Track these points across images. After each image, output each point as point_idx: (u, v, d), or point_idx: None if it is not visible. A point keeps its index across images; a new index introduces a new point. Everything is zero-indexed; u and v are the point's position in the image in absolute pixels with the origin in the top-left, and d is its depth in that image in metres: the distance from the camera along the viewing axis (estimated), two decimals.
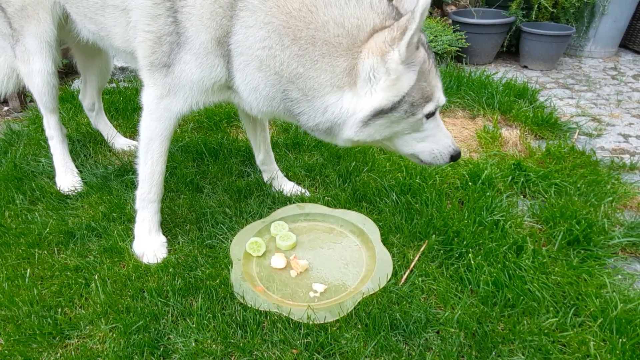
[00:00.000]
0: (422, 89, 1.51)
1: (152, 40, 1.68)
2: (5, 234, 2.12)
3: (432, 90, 1.54)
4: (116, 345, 1.59)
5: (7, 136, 3.02)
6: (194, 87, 1.72)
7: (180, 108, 1.79)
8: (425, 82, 1.51)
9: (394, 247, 2.03)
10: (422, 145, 1.71)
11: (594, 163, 2.71)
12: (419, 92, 1.50)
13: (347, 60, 1.48)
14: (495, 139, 2.98)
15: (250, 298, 1.75)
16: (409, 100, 1.50)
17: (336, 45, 1.47)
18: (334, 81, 1.49)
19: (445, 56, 4.53)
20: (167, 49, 1.67)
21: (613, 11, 4.73)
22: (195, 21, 1.58)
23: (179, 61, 1.67)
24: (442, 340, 1.62)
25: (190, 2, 1.57)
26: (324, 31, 1.46)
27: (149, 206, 2.02)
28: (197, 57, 1.63)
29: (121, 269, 1.94)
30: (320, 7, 1.46)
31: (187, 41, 1.62)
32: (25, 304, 1.75)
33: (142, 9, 1.67)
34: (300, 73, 1.50)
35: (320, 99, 1.54)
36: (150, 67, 1.75)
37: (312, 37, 1.47)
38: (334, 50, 1.47)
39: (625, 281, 1.88)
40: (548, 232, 2.13)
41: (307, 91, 1.54)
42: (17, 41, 2.21)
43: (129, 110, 3.34)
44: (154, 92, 1.78)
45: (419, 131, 1.66)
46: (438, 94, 1.57)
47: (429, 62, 1.52)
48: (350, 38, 1.47)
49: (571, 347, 1.59)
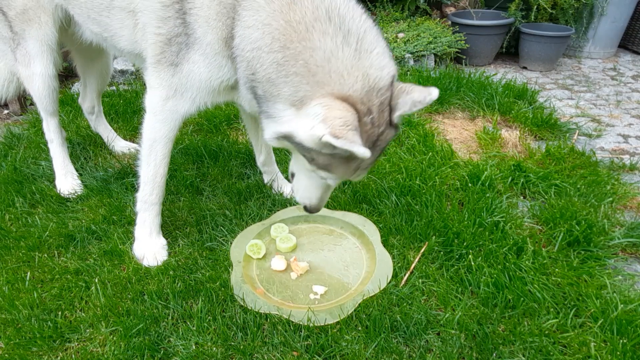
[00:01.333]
0: (329, 162, 1.49)
1: (162, 42, 1.70)
2: (6, 237, 2.12)
3: (336, 172, 1.54)
4: (116, 348, 1.59)
5: (7, 139, 3.02)
6: (201, 87, 1.73)
7: (187, 109, 1.79)
8: (337, 163, 1.49)
9: (394, 249, 2.03)
10: (300, 177, 1.76)
11: (594, 164, 2.72)
12: (325, 161, 1.50)
13: (310, 91, 1.44)
14: (495, 140, 2.98)
15: (251, 300, 1.75)
16: (313, 155, 1.50)
17: (312, 72, 1.43)
18: (291, 100, 1.48)
19: (444, 57, 4.54)
20: (175, 49, 1.69)
21: (612, 12, 4.74)
22: (203, 22, 1.60)
23: (188, 61, 1.68)
24: (442, 341, 1.62)
25: (197, 3, 1.59)
26: (310, 54, 1.43)
27: (150, 208, 2.02)
28: (205, 57, 1.65)
29: (121, 271, 1.94)
30: (317, 31, 1.43)
31: (196, 42, 1.64)
32: (26, 307, 1.75)
33: (152, 11, 1.68)
34: (272, 79, 1.50)
35: (272, 104, 1.54)
36: (157, 66, 1.75)
37: (298, 52, 1.44)
38: (307, 75, 1.43)
39: (625, 282, 1.88)
40: (548, 233, 2.13)
41: (268, 95, 1.54)
42: (18, 45, 2.21)
43: (128, 113, 3.35)
44: (160, 93, 1.78)
45: (307, 172, 1.68)
46: (336, 176, 1.57)
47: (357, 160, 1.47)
48: (325, 76, 1.41)
49: (572, 348, 1.59)
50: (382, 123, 1.47)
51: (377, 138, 1.48)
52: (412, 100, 1.44)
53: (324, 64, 1.41)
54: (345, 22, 1.45)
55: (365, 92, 1.41)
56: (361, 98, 1.41)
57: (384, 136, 1.50)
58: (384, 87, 1.45)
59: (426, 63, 4.41)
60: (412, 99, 1.44)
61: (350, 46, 1.43)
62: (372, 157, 1.49)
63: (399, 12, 5.00)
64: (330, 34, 1.42)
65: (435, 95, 1.44)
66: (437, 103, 3.52)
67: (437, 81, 3.72)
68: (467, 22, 4.60)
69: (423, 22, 4.82)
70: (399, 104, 1.46)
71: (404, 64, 4.35)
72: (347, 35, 1.43)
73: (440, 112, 3.47)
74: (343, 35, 1.43)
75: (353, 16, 1.47)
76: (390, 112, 1.48)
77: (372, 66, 1.44)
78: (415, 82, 3.65)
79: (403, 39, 4.51)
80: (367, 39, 1.46)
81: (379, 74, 1.44)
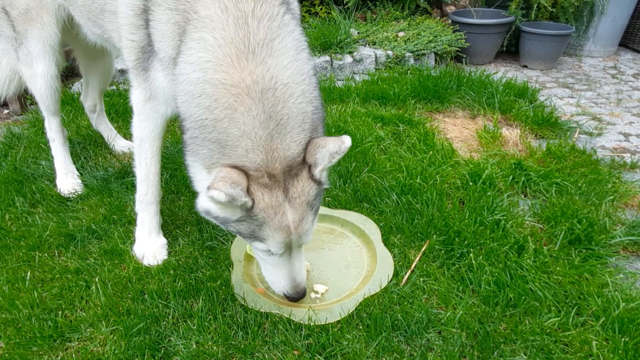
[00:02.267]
0: (252, 229, 1.47)
1: (135, 48, 1.71)
2: (6, 237, 2.11)
3: (265, 237, 1.48)
4: (117, 347, 1.59)
5: (8, 139, 3.02)
6: (166, 95, 1.72)
7: (164, 110, 1.81)
8: (258, 227, 1.46)
9: (395, 248, 2.02)
10: (262, 265, 1.69)
11: (595, 162, 2.71)
12: (247, 229, 1.48)
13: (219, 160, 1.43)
14: (496, 139, 2.97)
15: (251, 299, 1.75)
16: (235, 227, 1.49)
17: (223, 144, 1.40)
18: (206, 163, 1.47)
19: (445, 56, 4.53)
20: (147, 56, 1.70)
21: (612, 10, 4.73)
22: (159, 36, 1.58)
23: (153, 68, 1.70)
24: (443, 340, 1.61)
25: (157, 17, 1.57)
26: (227, 125, 1.39)
27: (148, 208, 2.02)
28: (163, 69, 1.64)
29: (122, 271, 1.93)
30: (243, 106, 1.37)
31: (157, 53, 1.64)
32: (26, 306, 1.75)
33: (125, 17, 1.68)
34: (195, 136, 1.47)
35: (193, 161, 1.53)
36: (133, 70, 1.78)
37: (219, 120, 1.40)
38: (219, 145, 1.41)
39: (627, 280, 1.88)
40: (549, 231, 2.13)
41: (190, 149, 1.52)
42: (20, 44, 2.21)
43: (128, 113, 3.32)
44: (139, 94, 1.81)
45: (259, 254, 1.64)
46: (270, 244, 1.50)
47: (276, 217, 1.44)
48: (232, 150, 1.40)
49: (573, 346, 1.59)
50: (290, 179, 1.43)
51: (287, 190, 1.43)
52: (329, 153, 1.43)
53: (235, 140, 1.39)
54: (277, 105, 1.39)
55: (265, 163, 1.40)
56: (257, 167, 1.40)
57: (298, 189, 1.45)
58: (290, 155, 1.42)
59: (426, 62, 4.40)
60: (328, 151, 1.43)
61: (266, 129, 1.38)
62: (296, 211, 1.46)
63: (399, 11, 4.99)
64: (253, 114, 1.37)
65: (349, 144, 1.43)
66: (437, 102, 3.52)
67: (437, 80, 3.71)
68: (468, 20, 4.59)
69: (423, 20, 4.82)
70: (317, 160, 1.44)
71: (404, 63, 4.35)
72: (269, 119, 1.38)
73: (440, 110, 3.46)
74: (264, 119, 1.38)
75: (288, 99, 1.41)
76: (309, 168, 1.46)
77: (282, 143, 1.41)
78: (415, 81, 3.70)
79: (403, 38, 4.51)
80: (290, 123, 1.42)
81: (285, 147, 1.41)
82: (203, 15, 1.43)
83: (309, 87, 1.48)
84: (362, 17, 5.09)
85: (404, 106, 3.47)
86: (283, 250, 1.54)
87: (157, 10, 1.56)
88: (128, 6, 1.65)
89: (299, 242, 1.54)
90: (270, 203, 1.42)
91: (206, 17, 1.43)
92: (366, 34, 4.66)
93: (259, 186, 1.41)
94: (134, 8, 1.63)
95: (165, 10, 1.53)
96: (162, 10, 1.54)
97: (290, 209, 1.45)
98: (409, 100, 3.51)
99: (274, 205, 1.43)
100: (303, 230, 1.50)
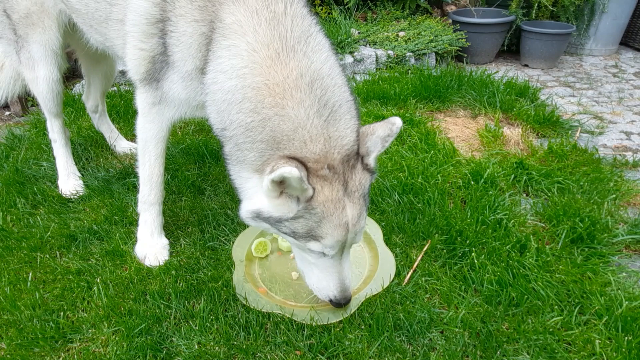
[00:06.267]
0: (309, 226, 1.41)
1: (144, 59, 1.69)
2: (7, 238, 2.11)
3: (324, 235, 1.42)
4: (119, 348, 1.58)
5: (9, 140, 3.02)
6: (181, 104, 1.73)
7: (172, 115, 1.81)
8: (316, 224, 1.41)
9: (396, 247, 2.02)
10: (307, 270, 1.63)
11: (597, 161, 2.70)
12: (304, 227, 1.42)
13: (272, 156, 1.41)
14: (497, 138, 2.97)
15: (253, 300, 1.74)
16: (289, 226, 1.44)
17: (277, 141, 1.38)
18: (255, 166, 1.45)
19: (445, 56, 4.53)
20: (158, 67, 1.68)
21: (613, 9, 4.73)
22: (183, 48, 1.56)
23: (167, 79, 1.68)
24: (446, 340, 1.61)
25: (180, 29, 1.54)
26: (279, 122, 1.37)
27: (150, 209, 2.02)
28: (183, 81, 1.63)
29: (123, 271, 1.93)
30: (293, 100, 1.36)
31: (175, 64, 1.62)
32: (28, 307, 1.75)
33: (135, 24, 1.65)
34: (239, 142, 1.45)
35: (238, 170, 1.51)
36: (143, 82, 1.76)
37: (267, 119, 1.38)
38: (272, 143, 1.39)
39: (629, 279, 1.87)
40: (551, 230, 2.12)
41: (234, 158, 1.50)
42: (21, 47, 2.21)
43: (129, 114, 3.34)
44: (146, 98, 1.80)
45: (307, 257, 1.58)
46: (328, 242, 1.44)
47: (336, 212, 1.40)
48: (288, 143, 1.38)
49: (576, 345, 1.58)
50: (349, 171, 1.42)
51: (346, 183, 1.42)
52: (380, 138, 1.44)
53: (290, 133, 1.37)
54: (326, 94, 1.41)
55: (324, 152, 1.38)
56: (317, 157, 1.38)
57: (356, 182, 1.44)
58: (347, 143, 1.42)
59: (427, 61, 4.40)
60: (379, 137, 1.44)
61: (321, 117, 1.39)
62: (355, 205, 1.43)
63: (400, 11, 4.99)
64: (306, 105, 1.37)
65: (399, 124, 1.43)
66: (438, 101, 3.52)
67: (438, 79, 3.71)
68: (468, 20, 4.59)
69: (424, 20, 4.82)
70: (369, 147, 1.44)
71: (405, 63, 4.34)
72: (323, 107, 1.39)
73: (442, 110, 3.46)
74: (318, 108, 1.38)
75: (334, 88, 1.43)
76: (362, 158, 1.45)
77: (337, 130, 1.41)
78: (416, 81, 3.69)
79: (404, 38, 4.51)
80: (341, 110, 1.43)
81: (342, 135, 1.41)
82: (229, 22, 1.44)
83: (345, 78, 1.52)
84: (363, 17, 5.09)
85: (405, 106, 3.47)
86: (336, 250, 1.49)
87: (181, 22, 1.53)
88: (141, 14, 1.62)
89: (353, 240, 1.51)
90: (330, 197, 1.38)
91: (234, 24, 1.43)
92: (367, 34, 4.66)
93: (319, 179, 1.37)
94: (148, 17, 1.60)
95: (191, 22, 1.51)
96: (187, 22, 1.52)
97: (350, 203, 1.42)
98: (410, 99, 3.50)
99: (334, 200, 1.39)
100: (359, 227, 1.48)
